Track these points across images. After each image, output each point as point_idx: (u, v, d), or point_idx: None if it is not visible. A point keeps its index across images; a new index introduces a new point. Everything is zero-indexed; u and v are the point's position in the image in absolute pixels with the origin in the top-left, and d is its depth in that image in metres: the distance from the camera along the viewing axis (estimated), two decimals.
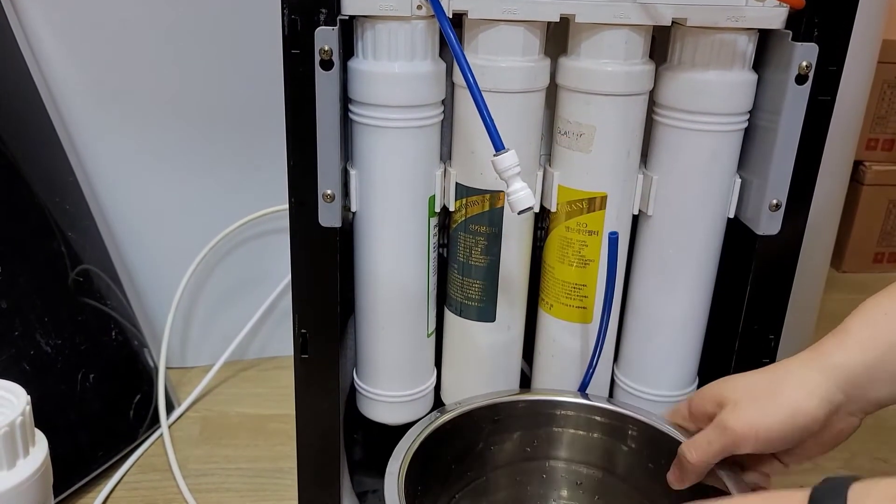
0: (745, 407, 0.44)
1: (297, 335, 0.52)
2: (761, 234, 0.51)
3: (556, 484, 0.57)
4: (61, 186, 0.76)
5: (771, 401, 0.44)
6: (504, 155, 0.43)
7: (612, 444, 0.55)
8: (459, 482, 0.55)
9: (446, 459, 0.54)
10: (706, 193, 0.51)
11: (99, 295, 0.76)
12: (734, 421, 0.44)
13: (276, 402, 0.84)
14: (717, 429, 0.45)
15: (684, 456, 0.47)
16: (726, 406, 0.45)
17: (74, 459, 0.71)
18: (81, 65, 0.76)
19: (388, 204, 0.50)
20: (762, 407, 0.44)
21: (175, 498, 0.71)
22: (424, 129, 0.49)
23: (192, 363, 0.89)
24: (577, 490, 0.57)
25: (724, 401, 0.46)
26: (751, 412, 0.44)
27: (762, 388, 0.45)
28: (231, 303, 0.88)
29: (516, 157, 0.43)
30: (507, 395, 0.56)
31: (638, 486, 0.54)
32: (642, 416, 0.54)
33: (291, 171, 0.47)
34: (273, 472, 0.75)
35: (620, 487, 0.55)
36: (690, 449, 0.46)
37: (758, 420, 0.44)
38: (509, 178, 0.43)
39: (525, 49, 0.48)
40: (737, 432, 0.44)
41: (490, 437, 0.55)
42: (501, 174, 0.43)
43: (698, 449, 0.46)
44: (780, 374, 0.45)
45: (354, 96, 0.48)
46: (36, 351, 0.68)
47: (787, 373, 0.45)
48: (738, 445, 0.44)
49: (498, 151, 0.43)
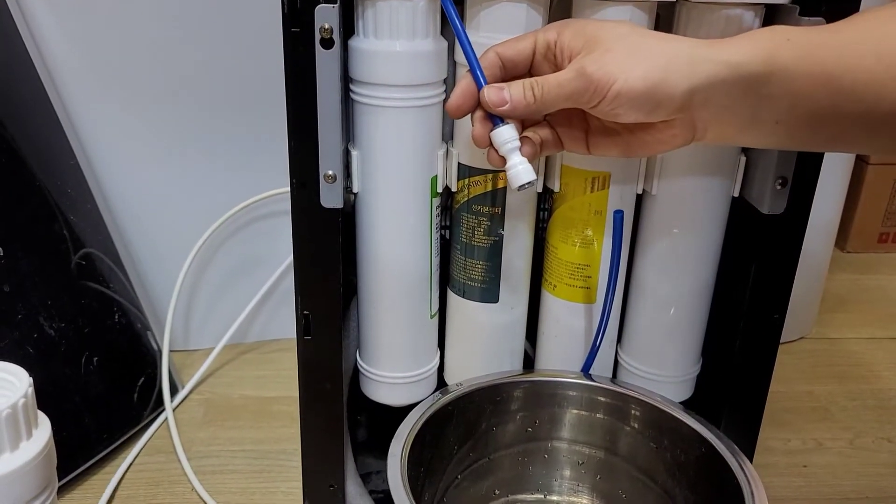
0: (615, 57, 0.39)
1: (300, 317, 0.52)
2: (766, 212, 0.50)
3: (559, 464, 0.57)
4: (62, 170, 0.76)
5: (647, 60, 0.39)
6: (502, 128, 0.43)
7: (614, 425, 0.55)
8: (462, 463, 0.55)
9: (449, 440, 0.54)
10: (710, 172, 0.51)
11: (102, 278, 0.76)
12: (595, 68, 0.39)
13: (280, 385, 0.84)
14: (573, 71, 0.40)
15: (526, 95, 0.42)
16: (595, 51, 0.40)
17: (79, 442, 0.71)
18: (82, 47, 0.76)
19: (389, 184, 0.50)
20: (634, 63, 0.39)
21: (179, 479, 0.71)
22: (426, 109, 0.49)
23: (196, 346, 0.89)
24: (579, 470, 0.57)
25: (595, 43, 0.40)
26: (618, 63, 0.39)
27: (643, 46, 0.40)
28: (234, 285, 0.88)
29: (515, 132, 0.43)
30: (509, 376, 0.56)
31: (640, 466, 0.55)
32: (645, 397, 0.53)
33: (292, 151, 0.47)
34: (277, 453, 0.75)
35: (622, 467, 0.55)
36: (540, 84, 0.41)
37: (622, 73, 0.39)
38: (508, 153, 0.43)
39: (528, 26, 0.47)
40: (594, 79, 0.39)
41: (492, 417, 0.55)
42: (500, 148, 0.43)
43: (548, 87, 0.41)
44: (670, 43, 0.40)
45: (355, 76, 0.48)
46: (39, 334, 0.68)
47: (677, 45, 0.40)
48: (590, 96, 0.40)
49: (496, 125, 0.43)
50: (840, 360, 0.90)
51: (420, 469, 0.49)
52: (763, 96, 0.40)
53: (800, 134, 0.42)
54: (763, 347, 0.55)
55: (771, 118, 0.41)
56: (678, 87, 0.39)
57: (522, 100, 0.42)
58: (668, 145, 0.43)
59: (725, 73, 0.39)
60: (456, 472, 0.55)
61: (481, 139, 0.44)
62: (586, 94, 0.40)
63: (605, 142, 0.45)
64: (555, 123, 0.46)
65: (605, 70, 0.39)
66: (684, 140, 0.43)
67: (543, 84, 0.41)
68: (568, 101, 0.41)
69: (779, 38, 0.40)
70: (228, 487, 0.70)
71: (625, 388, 0.55)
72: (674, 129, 0.42)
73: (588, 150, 0.46)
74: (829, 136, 0.42)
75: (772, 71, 0.39)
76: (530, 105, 0.42)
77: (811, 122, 0.41)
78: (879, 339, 0.95)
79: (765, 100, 0.40)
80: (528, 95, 0.42)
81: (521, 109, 0.42)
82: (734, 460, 0.47)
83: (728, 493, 0.46)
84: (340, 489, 0.58)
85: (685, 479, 0.51)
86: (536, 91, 0.41)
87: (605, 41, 0.40)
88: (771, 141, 0.43)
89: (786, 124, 0.41)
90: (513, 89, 0.42)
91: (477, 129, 0.44)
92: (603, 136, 0.45)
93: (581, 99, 0.40)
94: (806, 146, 0.44)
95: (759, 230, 0.51)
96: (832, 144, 0.43)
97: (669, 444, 0.50)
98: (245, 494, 0.70)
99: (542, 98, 0.41)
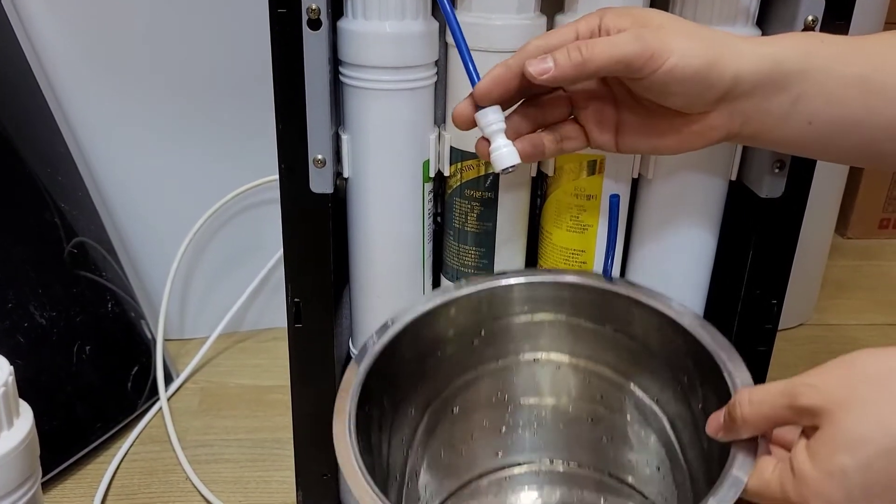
0: (669, 33, 0.39)
1: (291, 304, 0.51)
2: (764, 196, 0.49)
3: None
4: (53, 157, 0.75)
5: (702, 41, 0.39)
6: (487, 109, 0.42)
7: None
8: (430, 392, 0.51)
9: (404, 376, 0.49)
10: (707, 156, 0.50)
11: (94, 266, 0.75)
12: (652, 37, 0.39)
13: (275, 373, 0.84)
14: (630, 35, 0.39)
15: (571, 55, 0.39)
16: (647, 26, 0.39)
17: (72, 431, 0.70)
18: (72, 32, 0.75)
19: (381, 169, 0.49)
20: (690, 41, 0.39)
21: (174, 469, 0.71)
22: (417, 92, 0.48)
23: (191, 335, 0.89)
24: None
25: (645, 20, 0.40)
26: (675, 38, 0.39)
27: (694, 29, 0.40)
28: (229, 273, 0.87)
29: (500, 113, 0.42)
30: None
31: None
32: (588, 281, 0.50)
33: (280, 135, 0.46)
34: (272, 442, 0.74)
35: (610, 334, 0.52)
36: (587, 44, 0.39)
37: (679, 48, 0.38)
38: (492, 134, 0.42)
39: (520, 6, 0.46)
40: (652, 46, 0.38)
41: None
42: (484, 130, 0.42)
43: (599, 47, 0.39)
44: (717, 31, 0.41)
45: (345, 57, 0.47)
46: (30, 323, 0.68)
47: (723, 34, 0.41)
48: (644, 62, 0.38)
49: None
50: (840, 347, 0.88)
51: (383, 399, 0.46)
52: (799, 95, 0.40)
53: (830, 137, 0.42)
54: (761, 334, 0.54)
55: (804, 118, 0.41)
56: (727, 71, 0.39)
57: (568, 61, 0.39)
58: (703, 139, 0.42)
59: (768, 67, 0.40)
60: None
61: (462, 117, 0.42)
62: (640, 59, 0.38)
63: (636, 135, 0.44)
64: (582, 118, 0.45)
65: (664, 41, 0.38)
66: (719, 135, 0.42)
67: (591, 44, 0.39)
68: (618, 65, 0.39)
69: (814, 40, 0.41)
70: (223, 476, 0.70)
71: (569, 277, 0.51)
72: (710, 120, 0.41)
73: (616, 146, 0.45)
74: (858, 142, 0.41)
75: (807, 69, 0.40)
76: (577, 66, 0.39)
77: (843, 125, 0.41)
78: (880, 325, 0.95)
79: (801, 99, 0.40)
80: (575, 55, 0.39)
81: (568, 72, 0.39)
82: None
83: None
84: (334, 478, 0.57)
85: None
86: (584, 51, 0.39)
87: (656, 19, 0.40)
88: (800, 144, 0.43)
89: (817, 125, 0.41)
90: (556, 54, 0.40)
91: (462, 106, 0.43)
92: (635, 128, 0.44)
93: (634, 64, 0.39)
94: (833, 153, 0.43)
95: (756, 214, 0.50)
96: (860, 153, 0.43)
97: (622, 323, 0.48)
98: (240, 483, 0.70)
99: (592, 57, 0.39)
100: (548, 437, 0.55)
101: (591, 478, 0.55)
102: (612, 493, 0.54)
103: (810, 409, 0.34)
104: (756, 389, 0.37)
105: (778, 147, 0.44)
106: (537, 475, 0.56)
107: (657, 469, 0.51)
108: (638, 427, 0.52)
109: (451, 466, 0.54)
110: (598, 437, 0.54)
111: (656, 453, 0.51)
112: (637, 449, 0.52)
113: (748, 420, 0.37)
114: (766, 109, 0.41)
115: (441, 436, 0.52)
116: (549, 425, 0.55)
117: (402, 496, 0.48)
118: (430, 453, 0.51)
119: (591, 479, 0.55)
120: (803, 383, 0.35)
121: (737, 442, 0.38)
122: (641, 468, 0.53)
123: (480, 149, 0.43)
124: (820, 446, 0.34)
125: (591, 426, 0.54)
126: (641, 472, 0.53)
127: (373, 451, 0.43)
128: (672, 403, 0.49)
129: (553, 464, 0.56)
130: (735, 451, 0.38)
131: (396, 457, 0.48)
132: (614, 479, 0.54)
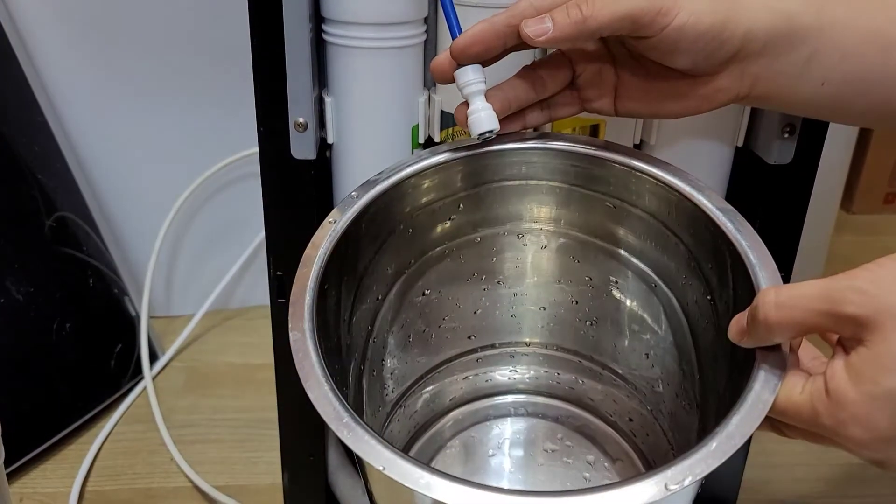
0: None
1: (273, 278, 0.48)
2: (773, 163, 0.47)
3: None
4: (29, 127, 0.72)
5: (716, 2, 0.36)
6: (465, 67, 0.39)
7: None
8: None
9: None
10: (713, 121, 0.47)
11: (75, 241, 0.73)
12: None
13: (264, 352, 0.81)
14: None
15: (571, 13, 0.36)
16: None
17: (53, 410, 0.68)
18: None
19: (366, 134, 0.47)
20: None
21: (159, 449, 0.69)
22: (405, 51, 0.45)
23: (177, 312, 0.86)
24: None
25: None
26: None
27: None
28: (216, 248, 0.85)
29: (481, 73, 0.39)
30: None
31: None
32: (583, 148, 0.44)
33: (258, 97, 0.44)
34: (260, 422, 0.72)
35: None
36: (587, 1, 0.36)
37: (689, 4, 0.36)
38: (471, 95, 0.39)
39: None
40: (659, 1, 0.36)
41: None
42: (463, 89, 0.39)
43: (601, 2, 0.36)
44: None
45: (327, 14, 0.44)
46: (6, 299, 0.65)
47: None
48: (652, 18, 0.36)
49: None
50: None
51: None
52: (813, 52, 0.38)
53: (844, 97, 0.39)
54: None
55: (817, 77, 0.38)
56: (739, 28, 0.37)
57: (567, 20, 0.36)
58: (709, 103, 0.39)
59: (781, 23, 0.37)
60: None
61: (440, 69, 0.39)
62: (647, 15, 0.36)
63: (636, 98, 0.41)
64: (577, 81, 0.41)
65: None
66: (727, 98, 0.39)
67: (592, 0, 0.36)
68: (623, 22, 0.36)
69: None
70: (209, 457, 0.68)
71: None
72: (718, 82, 0.39)
73: (614, 109, 0.42)
74: (873, 101, 0.39)
75: (821, 25, 0.37)
76: (578, 24, 0.36)
77: (858, 83, 0.39)
78: None
79: (814, 56, 0.38)
80: (574, 13, 0.36)
81: (568, 32, 0.36)
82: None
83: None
84: (321, 460, 0.55)
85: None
86: (584, 8, 0.36)
87: None
88: (813, 105, 0.40)
89: (831, 85, 0.39)
90: (555, 13, 0.37)
91: (441, 58, 0.39)
92: (635, 91, 0.41)
93: (641, 20, 0.36)
94: (847, 114, 0.41)
95: (764, 182, 0.48)
96: (876, 112, 0.40)
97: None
98: (226, 464, 0.68)
99: (593, 14, 0.36)
100: (527, 320, 0.51)
101: (571, 361, 0.51)
102: (591, 376, 0.51)
103: (856, 319, 0.29)
104: (785, 289, 0.31)
105: (789, 109, 0.41)
106: (512, 357, 0.52)
107: (645, 357, 0.47)
108: (634, 311, 0.47)
109: (419, 351, 0.49)
110: (581, 319, 0.50)
111: (646, 342, 0.47)
112: (627, 336, 0.48)
113: (773, 325, 0.31)
114: (779, 69, 0.38)
115: (409, 318, 0.47)
116: (530, 307, 0.50)
117: (365, 384, 0.44)
118: (397, 338, 0.47)
119: (570, 362, 0.51)
120: (850, 287, 0.29)
121: (762, 351, 0.33)
122: (628, 354, 0.49)
123: (459, 116, 0.40)
124: (864, 364, 0.29)
125: (575, 308, 0.49)
126: (628, 359, 0.49)
127: (330, 335, 0.39)
128: (680, 288, 0.44)
129: (530, 346, 0.52)
130: (759, 363, 0.33)
131: (358, 342, 0.43)
132: (596, 364, 0.50)
